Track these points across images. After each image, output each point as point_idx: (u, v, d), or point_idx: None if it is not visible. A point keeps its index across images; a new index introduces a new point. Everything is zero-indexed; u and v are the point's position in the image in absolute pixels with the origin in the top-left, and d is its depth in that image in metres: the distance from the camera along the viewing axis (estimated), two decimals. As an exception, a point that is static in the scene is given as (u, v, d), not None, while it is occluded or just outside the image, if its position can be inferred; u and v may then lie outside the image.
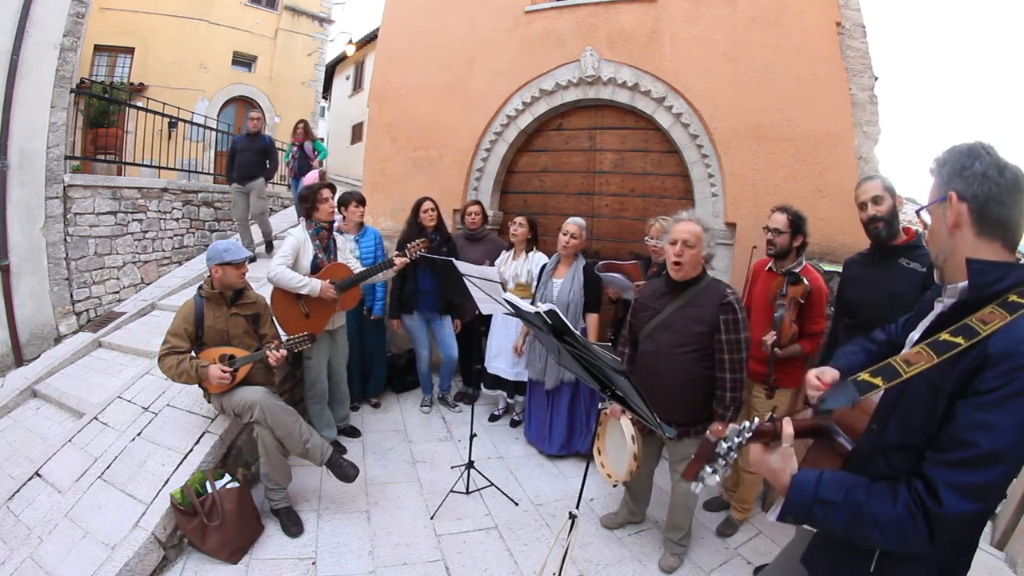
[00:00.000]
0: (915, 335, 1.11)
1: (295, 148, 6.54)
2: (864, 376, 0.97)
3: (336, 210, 3.35)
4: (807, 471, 1.00)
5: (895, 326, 1.35)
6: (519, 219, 3.58)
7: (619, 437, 2.24)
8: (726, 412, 2.13)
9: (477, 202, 4.01)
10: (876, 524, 0.91)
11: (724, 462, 0.97)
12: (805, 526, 1.06)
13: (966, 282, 0.97)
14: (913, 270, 2.01)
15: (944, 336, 0.93)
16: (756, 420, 1.01)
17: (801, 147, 3.43)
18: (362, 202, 3.67)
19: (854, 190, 2.25)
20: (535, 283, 3.40)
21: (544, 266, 3.37)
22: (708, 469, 0.98)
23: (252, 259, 4.86)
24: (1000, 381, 0.85)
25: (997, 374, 0.85)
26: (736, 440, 0.97)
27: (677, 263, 2.14)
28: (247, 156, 5.55)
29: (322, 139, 6.48)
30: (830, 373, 1.23)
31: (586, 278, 3.18)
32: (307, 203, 3.01)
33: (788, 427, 1.03)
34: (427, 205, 3.67)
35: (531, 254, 3.56)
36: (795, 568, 1.25)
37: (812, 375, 1.23)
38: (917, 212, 1.08)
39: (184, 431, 2.75)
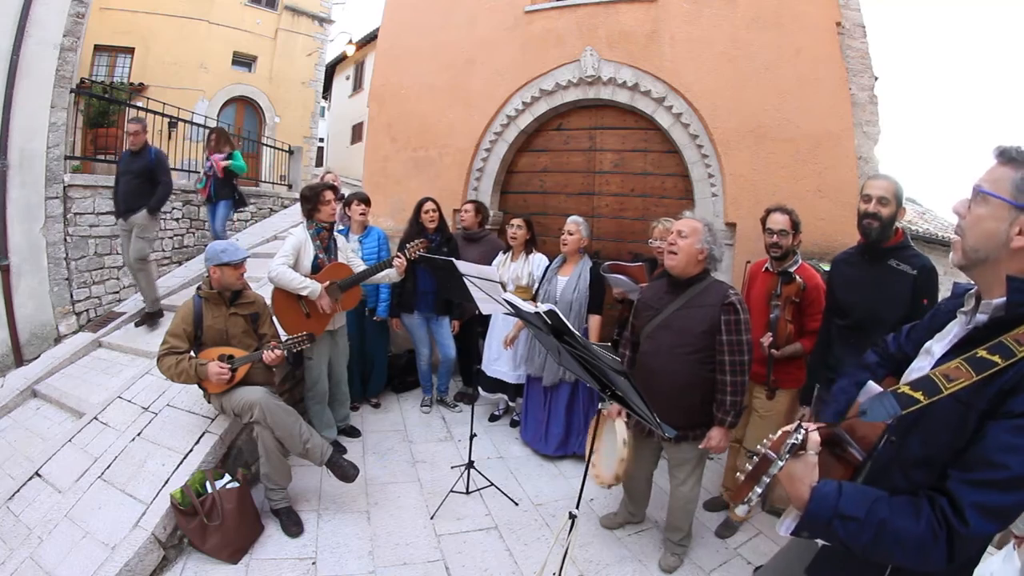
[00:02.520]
0: (936, 347, 1.08)
1: (208, 165, 5.23)
2: (905, 389, 0.94)
3: (340, 210, 3.35)
4: (825, 483, 0.97)
5: (894, 338, 1.31)
6: (516, 221, 3.57)
7: (612, 439, 2.23)
8: (726, 417, 2.11)
9: (471, 201, 4.01)
10: (897, 541, 0.89)
11: (767, 480, 0.95)
12: (818, 540, 1.02)
13: (1003, 299, 0.94)
14: (903, 272, 2.04)
15: (981, 353, 0.91)
16: (803, 432, 0.97)
17: (801, 147, 3.43)
18: (364, 201, 3.67)
19: (864, 182, 2.22)
20: (536, 284, 3.40)
21: (549, 265, 3.37)
22: (756, 489, 0.95)
23: (144, 321, 4.24)
24: None
25: None
26: (787, 456, 0.95)
27: (671, 252, 2.15)
28: (128, 181, 4.28)
29: (240, 151, 5.33)
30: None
31: (592, 278, 3.18)
32: (308, 204, 3.02)
33: (815, 435, 1.00)
34: (428, 206, 3.67)
35: (531, 256, 3.55)
36: (794, 572, 1.24)
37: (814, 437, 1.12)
38: (975, 188, 0.98)
39: (184, 431, 2.75)
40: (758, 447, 1.04)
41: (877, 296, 2.07)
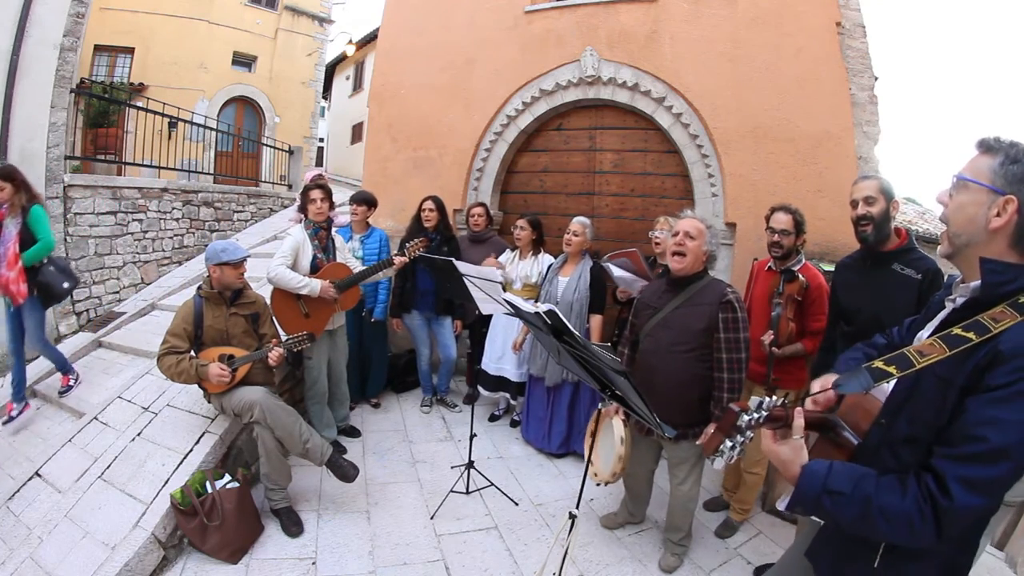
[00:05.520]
0: (924, 333, 1.11)
1: None
2: (878, 364, 0.98)
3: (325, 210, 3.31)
4: (817, 462, 1.01)
5: (898, 329, 1.35)
6: (520, 222, 3.56)
7: (610, 437, 2.24)
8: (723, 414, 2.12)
9: (481, 204, 4.00)
10: (884, 516, 0.92)
11: (742, 438, 0.98)
12: (813, 518, 1.06)
13: (978, 281, 0.98)
14: (908, 276, 1.98)
15: (956, 331, 0.95)
16: (774, 398, 1.02)
17: (801, 147, 3.43)
18: (364, 203, 3.66)
19: (851, 187, 2.21)
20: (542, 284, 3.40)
21: (551, 265, 3.37)
22: (728, 443, 0.98)
23: None
24: (1010, 378, 0.86)
25: (1008, 371, 0.86)
26: (755, 415, 0.99)
27: (679, 253, 2.15)
28: None
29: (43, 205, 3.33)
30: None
31: (592, 278, 3.18)
32: (300, 201, 3.09)
33: (799, 418, 1.04)
34: (426, 205, 3.67)
35: (540, 255, 3.54)
36: (800, 563, 1.25)
37: (818, 385, 1.22)
38: (955, 177, 1.03)
39: (184, 431, 2.75)
40: (728, 405, 1.08)
41: (881, 303, 2.02)
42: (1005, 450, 0.86)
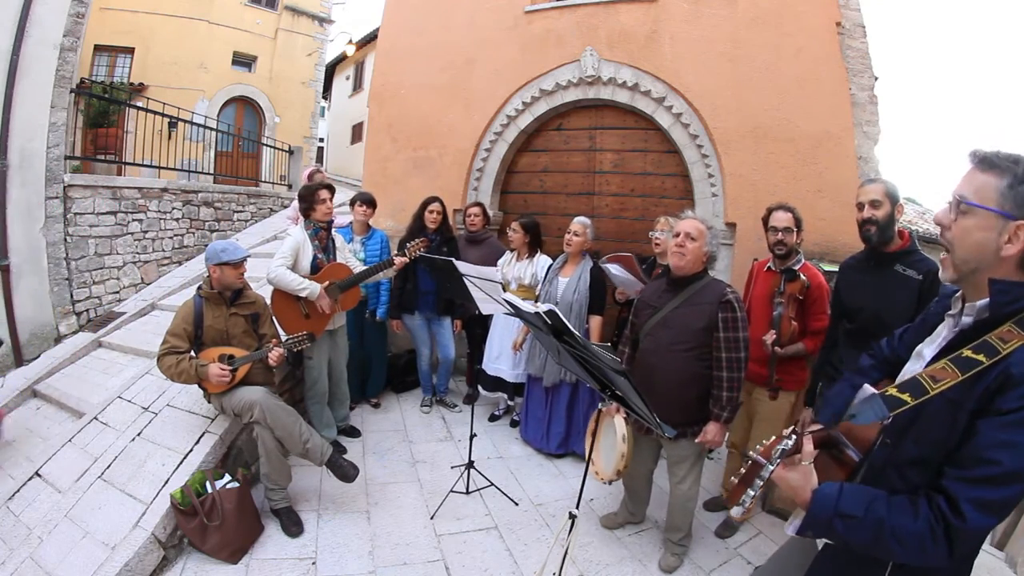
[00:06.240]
0: (927, 350, 1.09)
1: None
2: (892, 391, 0.96)
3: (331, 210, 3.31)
4: (828, 485, 1.00)
5: (887, 342, 1.33)
6: (514, 224, 3.56)
7: (612, 436, 2.24)
8: (722, 412, 2.13)
9: (478, 204, 4.00)
10: (896, 538, 0.91)
11: (761, 483, 0.99)
12: (824, 539, 1.05)
13: (986, 300, 0.95)
14: (909, 277, 2.03)
15: (966, 353, 0.93)
16: (794, 438, 1.02)
17: (801, 147, 3.43)
18: (366, 203, 3.65)
19: (857, 188, 2.24)
20: (541, 284, 3.40)
21: (551, 266, 3.37)
22: (750, 492, 1.00)
23: None
24: (1022, 402, 0.86)
25: (1019, 395, 0.86)
26: (777, 462, 0.99)
27: (679, 253, 2.16)
28: None
29: None
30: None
31: (592, 279, 3.18)
32: (304, 203, 3.03)
33: (808, 445, 1.03)
34: (434, 207, 3.66)
35: (536, 257, 3.53)
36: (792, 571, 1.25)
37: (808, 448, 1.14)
38: (957, 199, 0.97)
39: (184, 431, 2.75)
40: (750, 452, 1.07)
41: (882, 302, 2.07)
42: (1018, 473, 0.85)
